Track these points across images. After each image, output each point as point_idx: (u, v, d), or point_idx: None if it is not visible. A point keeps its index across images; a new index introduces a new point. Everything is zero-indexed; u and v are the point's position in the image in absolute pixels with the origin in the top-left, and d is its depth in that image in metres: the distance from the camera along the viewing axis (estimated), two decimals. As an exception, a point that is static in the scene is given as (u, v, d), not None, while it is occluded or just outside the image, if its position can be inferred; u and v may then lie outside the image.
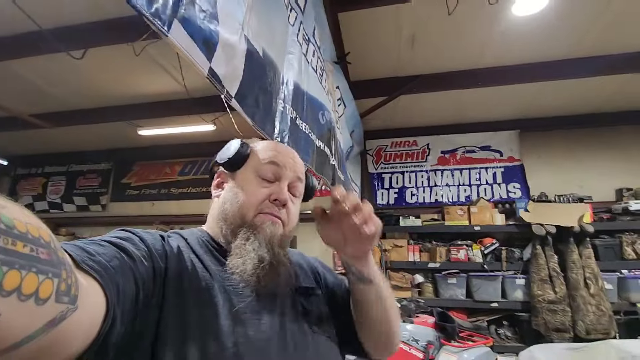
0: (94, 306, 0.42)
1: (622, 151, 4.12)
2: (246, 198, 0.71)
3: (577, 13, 2.56)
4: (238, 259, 0.65)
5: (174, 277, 0.61)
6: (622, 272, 3.49)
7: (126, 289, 0.49)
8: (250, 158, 0.76)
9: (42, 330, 0.33)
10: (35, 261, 0.31)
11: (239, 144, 0.75)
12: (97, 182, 5.34)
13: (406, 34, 2.84)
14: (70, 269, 0.37)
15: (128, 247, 0.55)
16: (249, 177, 0.73)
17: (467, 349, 2.42)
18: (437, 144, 4.54)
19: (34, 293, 0.31)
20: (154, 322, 0.56)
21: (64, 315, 0.35)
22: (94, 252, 0.47)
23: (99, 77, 3.34)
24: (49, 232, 0.35)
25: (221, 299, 0.63)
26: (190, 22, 0.73)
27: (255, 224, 0.69)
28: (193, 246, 0.70)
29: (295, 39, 1.45)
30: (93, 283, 0.43)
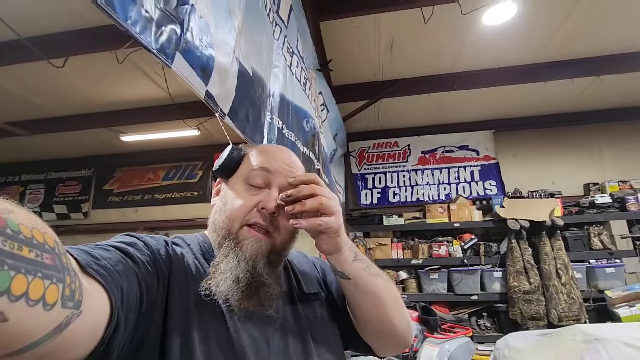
0: (98, 310, 0.42)
1: (588, 148, 4.39)
2: (233, 208, 0.67)
3: (541, 22, 2.74)
4: (213, 279, 0.62)
5: (178, 282, 0.61)
6: (590, 262, 3.72)
7: (130, 293, 0.49)
8: (242, 164, 0.72)
9: (49, 335, 0.33)
10: (40, 266, 0.31)
11: (229, 149, 0.72)
12: (78, 189, 5.25)
13: (385, 41, 2.96)
14: (74, 273, 0.37)
15: (132, 252, 0.55)
16: (238, 185, 0.70)
17: (449, 340, 2.56)
18: (418, 145, 4.70)
19: (41, 298, 0.31)
20: (159, 327, 0.56)
21: (69, 320, 0.35)
22: (99, 257, 0.48)
23: (80, 84, 3.32)
24: (54, 237, 0.36)
25: (224, 307, 0.62)
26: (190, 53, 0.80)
27: (238, 237, 0.66)
28: (195, 252, 0.69)
29: (280, 52, 1.53)
30: (97, 287, 0.43)
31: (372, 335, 0.77)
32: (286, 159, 0.73)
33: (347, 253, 0.68)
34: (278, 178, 0.69)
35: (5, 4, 2.34)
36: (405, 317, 0.76)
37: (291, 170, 0.71)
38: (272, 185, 0.69)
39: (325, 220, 0.62)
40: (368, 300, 0.71)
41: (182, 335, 0.56)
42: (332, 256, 0.67)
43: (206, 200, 4.86)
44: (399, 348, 0.79)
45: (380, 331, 0.74)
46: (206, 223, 0.73)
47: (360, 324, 0.76)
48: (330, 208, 0.63)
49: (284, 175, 0.69)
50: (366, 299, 0.71)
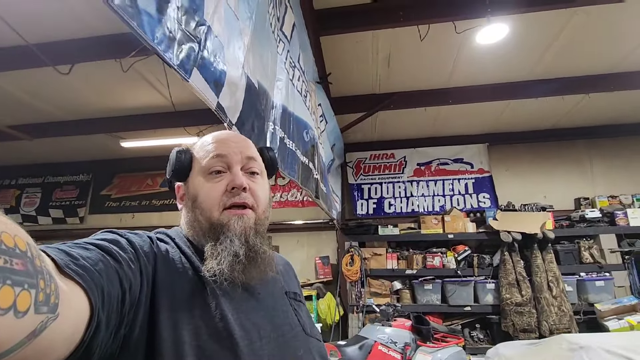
0: (77, 312, 0.41)
1: (579, 163, 4.51)
2: (204, 200, 0.69)
3: (532, 42, 2.87)
4: (213, 260, 0.63)
5: (163, 279, 0.60)
6: (581, 275, 3.79)
7: (112, 293, 0.48)
8: (193, 161, 0.73)
9: (22, 342, 0.32)
10: (9, 273, 0.30)
11: (175, 153, 0.72)
12: (75, 194, 5.26)
13: (382, 55, 3.07)
14: (49, 277, 0.36)
15: (114, 249, 0.54)
16: (199, 180, 0.71)
17: (441, 348, 2.59)
18: (413, 157, 4.79)
19: (12, 306, 0.30)
20: (145, 325, 0.55)
21: (44, 325, 0.34)
22: (77, 256, 0.46)
23: (84, 91, 3.38)
24: (25, 239, 0.34)
25: (212, 300, 0.62)
26: (205, 68, 0.87)
27: (222, 222, 0.67)
28: (180, 246, 0.69)
29: (283, 67, 1.60)
30: (76, 288, 0.42)
31: None
32: (233, 139, 0.76)
33: None
34: (234, 157, 0.72)
35: (12, 10, 2.41)
36: None
37: (241, 146, 0.74)
38: (231, 165, 0.71)
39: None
40: None
41: (172, 331, 0.56)
42: None
43: (203, 207, 4.89)
44: None
45: None
46: None
47: None
48: None
49: (238, 152, 0.73)
50: None
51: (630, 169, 4.40)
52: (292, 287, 0.82)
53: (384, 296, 4.08)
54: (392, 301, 4.02)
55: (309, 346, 0.71)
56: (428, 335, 2.68)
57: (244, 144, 0.76)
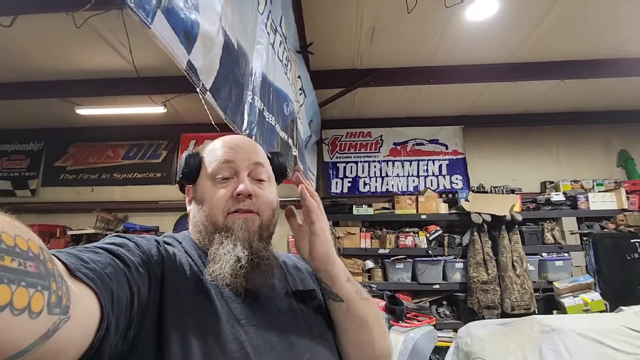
0: (88, 315, 0.42)
1: (546, 148, 4.65)
2: (210, 205, 0.70)
3: (517, 24, 2.81)
4: (215, 264, 0.64)
5: (171, 282, 0.61)
6: (543, 255, 3.98)
7: (121, 296, 0.49)
8: (202, 166, 0.74)
9: (36, 343, 0.33)
10: (23, 275, 0.31)
11: (186, 157, 0.73)
12: (25, 164, 4.79)
13: (366, 28, 2.91)
14: (60, 279, 0.37)
15: (123, 253, 0.54)
16: (207, 185, 0.72)
17: (413, 328, 2.63)
18: (390, 136, 4.74)
19: (27, 307, 0.31)
20: (153, 328, 0.56)
21: (56, 327, 0.35)
22: (88, 260, 0.47)
23: (30, 48, 2.98)
24: (38, 243, 0.35)
25: (219, 305, 0.62)
26: (173, 13, 0.70)
27: (227, 225, 0.68)
28: (188, 250, 0.69)
29: (263, 29, 1.42)
30: (87, 291, 0.43)
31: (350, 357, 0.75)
32: (242, 144, 0.75)
33: (340, 272, 0.69)
34: (242, 163, 0.72)
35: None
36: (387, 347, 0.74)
37: (249, 152, 0.74)
38: (239, 172, 0.71)
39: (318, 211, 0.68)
40: (356, 326, 0.71)
41: (179, 334, 0.56)
42: (326, 272, 0.69)
43: (170, 182, 4.63)
44: None
45: (363, 357, 0.73)
46: (171, 206, 0.70)
47: (342, 348, 0.74)
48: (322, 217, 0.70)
49: (246, 158, 0.73)
50: (354, 325, 0.71)
51: (592, 155, 4.60)
52: (304, 284, 0.79)
53: (356, 275, 4.10)
54: (364, 279, 4.05)
55: (315, 349, 0.69)
56: (401, 315, 2.70)
57: (252, 150, 0.76)
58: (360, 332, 0.71)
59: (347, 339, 0.72)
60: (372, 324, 0.71)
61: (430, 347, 2.55)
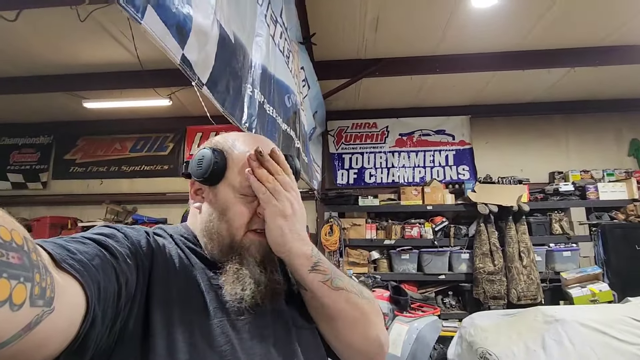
0: (73, 306, 0.42)
1: (555, 138, 4.57)
2: (233, 218, 0.67)
3: (525, 10, 2.74)
4: (236, 285, 0.62)
5: (159, 274, 0.60)
6: (550, 246, 3.95)
7: (108, 287, 0.48)
8: (228, 170, 0.68)
9: (17, 335, 0.33)
10: (5, 266, 0.31)
11: (212, 158, 0.66)
12: (36, 157, 4.87)
13: (370, 17, 2.86)
14: (44, 270, 0.36)
15: (111, 244, 0.54)
16: (229, 195, 0.67)
17: (417, 318, 2.65)
18: (396, 127, 4.70)
19: (8, 299, 0.31)
20: (140, 320, 0.55)
21: (39, 319, 0.35)
22: (75, 251, 0.46)
23: (36, 42, 3.00)
24: (22, 233, 0.35)
25: (207, 298, 0.62)
26: (164, 8, 0.70)
27: (244, 244, 0.67)
28: (178, 243, 0.69)
29: (263, 20, 1.41)
30: (73, 282, 0.42)
31: (332, 345, 0.73)
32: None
33: (300, 260, 0.65)
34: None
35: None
36: (371, 336, 0.70)
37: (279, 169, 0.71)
38: None
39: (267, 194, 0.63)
40: (320, 315, 0.70)
41: (165, 327, 0.56)
42: (284, 256, 0.66)
43: (177, 174, 4.67)
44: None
45: (336, 348, 0.72)
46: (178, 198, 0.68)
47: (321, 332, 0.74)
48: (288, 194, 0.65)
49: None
50: (318, 314, 0.70)
51: (602, 145, 4.51)
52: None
53: (362, 266, 4.13)
54: (369, 270, 4.08)
55: (301, 339, 0.68)
56: (405, 305, 2.72)
57: (279, 163, 0.71)
58: (328, 321, 0.69)
59: (320, 328, 0.71)
60: (339, 316, 0.67)
61: (434, 337, 2.57)
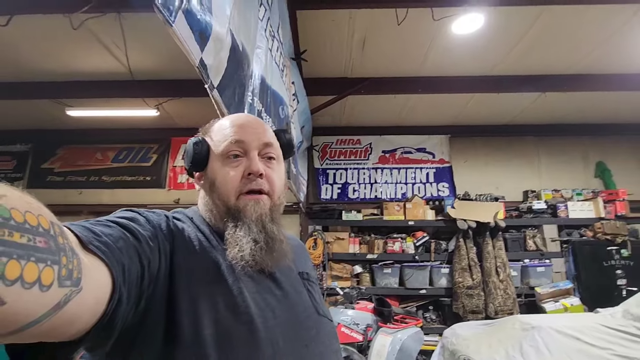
0: (99, 286, 0.44)
1: (527, 158, 4.84)
2: (222, 185, 0.70)
3: (502, 37, 2.97)
4: (234, 247, 0.65)
5: (181, 256, 0.62)
6: (525, 261, 4.11)
7: (132, 268, 0.50)
8: (210, 149, 0.73)
9: (48, 313, 0.35)
10: (32, 250, 0.32)
11: (193, 144, 0.73)
12: (11, 165, 4.71)
13: (358, 37, 3.02)
14: (71, 253, 0.38)
15: (134, 227, 0.56)
16: (217, 165, 0.72)
17: (401, 329, 2.69)
18: (379, 144, 4.85)
19: (37, 280, 0.33)
20: (163, 301, 0.57)
21: (68, 298, 0.37)
22: (100, 233, 0.49)
23: (25, 48, 2.98)
24: (49, 217, 0.36)
25: (229, 279, 0.64)
26: (191, 15, 0.76)
27: (238, 207, 0.69)
28: (198, 225, 0.71)
29: (263, 34, 1.50)
30: (99, 263, 0.45)
31: None
32: (251, 123, 0.76)
33: None
34: (252, 143, 0.72)
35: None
36: None
37: (259, 131, 0.75)
38: (249, 151, 0.72)
39: None
40: None
41: (190, 305, 0.58)
42: None
43: (160, 185, 4.62)
44: None
45: None
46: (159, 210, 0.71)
47: None
48: None
49: (256, 137, 0.73)
50: None
51: (572, 166, 4.80)
52: (305, 267, 0.82)
53: (345, 279, 4.15)
54: (352, 284, 4.10)
55: (321, 326, 0.72)
56: (389, 317, 2.76)
57: (261, 129, 0.76)
58: None
59: None
60: None
61: (417, 348, 2.61)
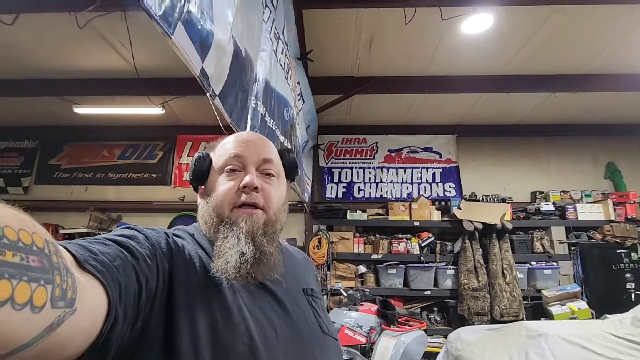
0: (95, 306, 0.43)
1: (536, 159, 4.76)
2: (217, 196, 0.70)
3: (511, 37, 2.90)
4: (220, 259, 0.64)
5: (180, 274, 0.61)
6: (532, 264, 4.06)
7: (129, 287, 0.49)
8: (212, 164, 0.75)
9: (40, 336, 0.34)
10: (25, 269, 0.31)
11: (196, 159, 0.74)
12: (19, 161, 4.76)
13: (365, 37, 2.98)
14: (65, 272, 0.37)
15: (132, 245, 0.55)
16: (214, 178, 0.73)
17: (405, 332, 2.67)
18: (385, 143, 4.81)
19: (28, 301, 0.31)
20: (161, 320, 0.56)
21: (61, 320, 0.36)
22: (97, 252, 0.48)
23: (31, 46, 2.99)
24: (44, 236, 0.35)
25: (229, 297, 0.63)
26: (191, 25, 0.74)
27: (231, 219, 0.68)
28: (200, 241, 0.70)
29: (267, 37, 1.47)
30: (95, 283, 0.44)
31: None
32: (252, 139, 0.77)
33: None
34: (250, 158, 0.73)
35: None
36: None
37: (258, 147, 0.75)
38: (247, 165, 0.72)
39: None
40: None
41: (188, 325, 0.57)
42: None
43: (165, 183, 4.63)
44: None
45: None
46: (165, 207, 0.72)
47: None
48: None
49: (255, 153, 0.74)
50: None
51: (581, 167, 4.71)
52: (309, 283, 0.81)
53: (349, 279, 4.14)
54: (356, 284, 4.09)
55: (325, 345, 0.70)
56: (393, 319, 2.74)
57: (263, 145, 0.76)
58: None
59: None
60: None
61: (420, 352, 2.59)
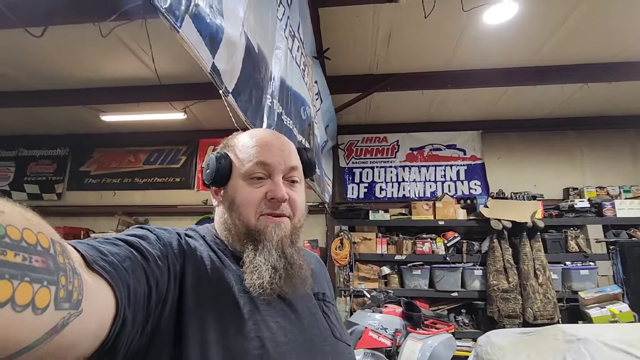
0: (102, 308, 0.42)
1: (569, 154, 4.52)
2: (242, 204, 0.67)
3: (537, 26, 2.76)
4: (253, 274, 0.62)
5: (191, 276, 0.60)
6: (566, 264, 3.85)
7: (138, 289, 0.48)
8: (233, 166, 0.71)
9: (43, 338, 0.33)
10: (27, 270, 0.30)
11: (216, 158, 0.70)
12: (52, 168, 4.98)
13: (383, 33, 2.91)
14: (72, 273, 0.36)
15: (143, 246, 0.54)
16: (239, 183, 0.69)
17: (431, 335, 2.58)
18: (406, 141, 4.70)
19: (30, 303, 0.30)
20: (172, 322, 0.55)
21: (66, 321, 0.35)
22: (107, 252, 0.47)
23: (59, 57, 3.12)
24: (50, 235, 0.34)
25: (241, 300, 0.61)
26: (200, 19, 0.73)
27: (259, 228, 0.66)
28: (210, 244, 0.69)
29: (282, 34, 1.45)
30: (103, 284, 0.43)
31: None
32: (277, 144, 0.72)
33: None
34: (278, 167, 0.70)
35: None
36: None
37: (285, 154, 0.72)
38: (274, 175, 0.69)
39: None
40: None
41: (198, 329, 0.56)
42: None
43: (189, 186, 4.72)
44: None
45: None
46: (189, 210, 0.69)
47: None
48: None
49: (282, 161, 0.70)
50: None
51: (618, 161, 4.43)
52: (321, 288, 0.79)
53: (372, 281, 4.07)
54: (380, 286, 4.01)
55: (337, 351, 0.68)
56: (419, 321, 2.65)
57: (287, 151, 0.73)
58: None
59: None
60: None
61: (449, 355, 2.49)
